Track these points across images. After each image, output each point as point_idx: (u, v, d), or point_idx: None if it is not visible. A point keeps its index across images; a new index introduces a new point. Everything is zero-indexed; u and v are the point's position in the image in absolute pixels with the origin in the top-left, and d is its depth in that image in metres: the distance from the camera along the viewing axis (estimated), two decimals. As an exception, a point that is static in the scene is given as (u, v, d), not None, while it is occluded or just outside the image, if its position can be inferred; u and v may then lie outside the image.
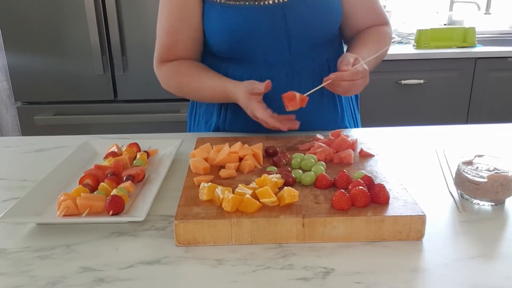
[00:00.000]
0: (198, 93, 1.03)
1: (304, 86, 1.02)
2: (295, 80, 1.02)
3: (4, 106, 2.46)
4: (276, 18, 0.95)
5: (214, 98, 1.03)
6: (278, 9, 0.95)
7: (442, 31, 2.42)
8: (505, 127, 1.12)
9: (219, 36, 0.98)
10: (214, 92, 0.99)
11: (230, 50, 1.00)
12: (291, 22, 0.96)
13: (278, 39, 0.97)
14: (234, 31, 0.96)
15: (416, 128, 1.12)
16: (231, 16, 0.95)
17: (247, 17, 0.95)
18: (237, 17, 0.95)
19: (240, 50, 0.99)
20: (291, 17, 0.96)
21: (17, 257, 0.60)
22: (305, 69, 1.02)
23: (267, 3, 0.95)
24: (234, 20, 0.95)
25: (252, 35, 0.96)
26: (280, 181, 0.70)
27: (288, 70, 1.01)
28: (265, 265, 0.57)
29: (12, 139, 1.10)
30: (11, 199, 0.77)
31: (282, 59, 1.00)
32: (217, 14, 0.96)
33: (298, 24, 0.97)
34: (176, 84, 1.05)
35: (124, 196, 0.69)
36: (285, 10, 0.95)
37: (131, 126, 2.11)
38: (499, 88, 2.35)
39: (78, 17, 2.00)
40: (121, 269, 0.57)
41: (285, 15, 0.96)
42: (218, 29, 0.97)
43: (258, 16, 0.95)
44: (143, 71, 2.10)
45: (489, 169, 0.73)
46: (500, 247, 0.61)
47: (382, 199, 0.64)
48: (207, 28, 0.99)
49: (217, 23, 0.96)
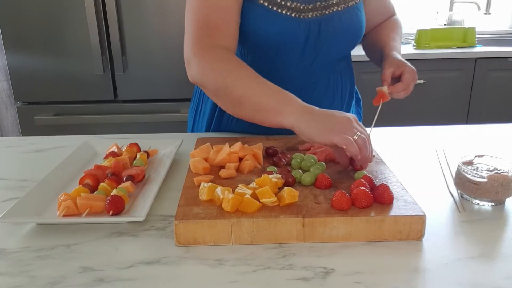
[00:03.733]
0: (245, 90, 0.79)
1: (315, 99, 1.01)
2: (308, 93, 1.01)
3: (4, 106, 2.46)
4: (311, 32, 0.94)
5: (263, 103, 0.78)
6: (315, 23, 0.94)
7: (442, 31, 2.42)
8: (505, 127, 1.12)
9: (252, 37, 0.94)
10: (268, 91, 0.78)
11: (255, 54, 0.98)
12: (323, 36, 0.96)
13: (306, 52, 0.96)
14: (270, 37, 0.93)
15: (416, 128, 1.12)
16: (271, 21, 0.92)
17: (286, 26, 0.92)
18: (276, 24, 0.92)
19: (264, 57, 0.97)
20: (324, 32, 0.95)
21: (17, 257, 0.60)
22: (319, 82, 1.02)
23: (307, 17, 0.93)
24: (272, 26, 0.92)
25: (284, 44, 0.94)
26: (280, 181, 0.70)
27: (304, 83, 1.01)
28: (265, 265, 0.57)
29: (12, 139, 1.10)
30: (11, 199, 0.77)
31: (301, 72, 0.99)
32: (258, 14, 0.91)
33: (329, 39, 0.96)
34: (220, 73, 0.81)
35: (124, 196, 0.69)
36: (321, 24, 0.95)
37: (131, 126, 2.11)
38: (499, 88, 2.35)
39: (78, 17, 2.00)
40: (121, 269, 0.57)
41: (319, 29, 0.95)
42: (254, 29, 0.93)
43: (295, 28, 0.93)
44: (143, 71, 2.10)
45: (489, 169, 0.73)
46: (500, 247, 0.61)
47: (386, 199, 0.64)
48: (243, 23, 0.92)
49: (256, 23, 0.92)
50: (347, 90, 1.08)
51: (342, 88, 1.07)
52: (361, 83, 1.31)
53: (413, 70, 0.95)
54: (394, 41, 1.05)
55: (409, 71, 0.94)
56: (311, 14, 0.94)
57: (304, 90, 1.01)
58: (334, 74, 1.04)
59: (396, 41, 1.06)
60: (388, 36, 1.07)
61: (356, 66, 1.19)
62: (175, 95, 2.12)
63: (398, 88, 0.93)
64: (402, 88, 0.93)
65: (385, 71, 0.94)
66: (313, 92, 1.02)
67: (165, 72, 2.10)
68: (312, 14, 0.94)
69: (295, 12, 0.92)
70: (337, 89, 1.06)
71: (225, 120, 1.07)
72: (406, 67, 0.94)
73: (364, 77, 2.08)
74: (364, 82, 1.96)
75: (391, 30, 1.10)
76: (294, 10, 0.92)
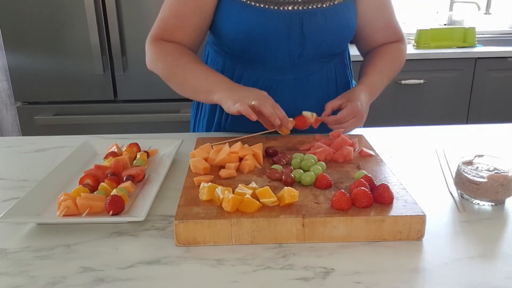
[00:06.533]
0: (186, 76, 0.95)
1: (310, 91, 1.03)
2: (302, 85, 1.03)
3: (4, 106, 2.46)
4: (293, 24, 0.95)
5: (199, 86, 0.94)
6: (297, 16, 0.95)
7: (442, 31, 2.42)
8: (505, 127, 1.12)
9: (234, 34, 0.97)
10: (203, 76, 0.93)
11: (242, 49, 0.99)
12: (306, 30, 0.96)
13: (291, 45, 0.97)
14: (250, 32, 0.95)
15: (416, 128, 1.12)
16: (249, 16, 0.94)
17: (265, 19, 0.94)
18: (256, 18, 0.94)
19: (252, 51, 0.99)
20: (307, 25, 0.96)
21: (17, 257, 0.60)
22: (312, 75, 1.03)
23: (287, 9, 0.95)
24: (252, 21, 0.94)
25: (267, 38, 0.96)
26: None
27: (296, 75, 1.02)
28: (265, 265, 0.57)
29: (12, 139, 1.10)
30: (11, 199, 0.77)
31: (291, 64, 1.00)
32: (236, 12, 0.95)
33: (313, 33, 0.97)
34: (165, 64, 0.98)
35: (124, 196, 0.69)
36: (303, 18, 0.95)
37: (131, 126, 2.11)
38: (499, 88, 2.35)
39: (78, 17, 2.00)
40: (121, 269, 0.57)
41: (302, 23, 0.96)
42: (235, 26, 0.96)
43: (276, 20, 0.95)
44: (143, 71, 2.08)
45: (489, 169, 0.73)
46: (500, 247, 0.61)
47: (386, 199, 0.64)
48: (222, 23, 0.97)
49: (235, 20, 0.95)
50: (343, 86, 1.08)
51: (336, 84, 1.07)
52: (361, 83, 1.31)
53: (355, 108, 0.91)
54: (376, 73, 1.01)
55: (349, 108, 0.90)
56: (292, 7, 0.95)
57: (297, 82, 1.02)
58: (327, 70, 1.05)
59: (379, 72, 1.01)
60: (374, 66, 1.03)
61: (356, 66, 1.19)
62: (175, 95, 2.09)
63: (328, 120, 0.92)
64: (332, 121, 0.92)
65: (333, 100, 0.94)
66: (307, 85, 1.03)
67: (165, 72, 2.09)
68: (293, 7, 0.95)
69: (273, 5, 0.94)
70: (331, 84, 1.06)
71: (226, 119, 1.08)
72: (351, 103, 0.92)
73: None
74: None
75: (382, 59, 1.04)
76: (272, 3, 0.94)
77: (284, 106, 0.88)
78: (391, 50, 1.07)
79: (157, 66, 0.99)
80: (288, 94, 1.02)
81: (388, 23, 1.07)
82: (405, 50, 1.10)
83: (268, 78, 1.01)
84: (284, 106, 0.88)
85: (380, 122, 2.31)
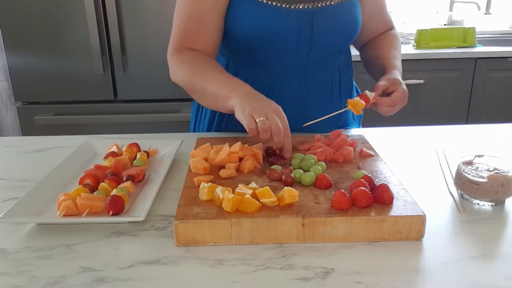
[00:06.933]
0: (205, 84, 0.90)
1: (313, 93, 1.03)
2: (305, 86, 1.02)
3: (4, 106, 2.46)
4: (304, 23, 0.95)
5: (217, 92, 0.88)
6: (307, 15, 0.95)
7: (442, 31, 2.42)
8: (505, 127, 1.12)
9: (245, 33, 0.95)
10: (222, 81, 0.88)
11: (250, 50, 0.99)
12: (317, 28, 0.96)
13: (300, 44, 0.97)
14: (261, 30, 0.94)
15: (416, 128, 1.12)
16: (261, 15, 0.93)
17: (277, 18, 0.94)
18: (268, 17, 0.93)
19: (260, 51, 0.98)
20: (318, 24, 0.96)
21: (17, 257, 0.60)
22: (317, 76, 1.03)
23: (298, 7, 0.94)
24: (264, 20, 0.94)
25: (277, 36, 0.95)
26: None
27: (301, 76, 1.01)
28: (265, 265, 0.57)
29: (12, 139, 1.10)
30: (11, 199, 0.77)
31: (297, 65, 1.00)
32: (248, 10, 0.94)
33: (323, 31, 0.97)
34: (185, 73, 0.94)
35: (124, 196, 0.69)
36: (313, 17, 0.95)
37: (131, 126, 2.11)
38: (499, 88, 2.35)
39: (78, 17, 2.00)
40: (121, 269, 0.57)
41: (312, 21, 0.95)
42: (246, 25, 0.95)
43: (287, 19, 0.94)
44: (143, 71, 2.10)
45: (489, 169, 0.73)
46: (500, 247, 0.61)
47: (386, 199, 0.64)
48: (234, 22, 0.96)
49: (247, 19, 0.94)
50: (346, 86, 1.08)
51: (340, 84, 1.07)
52: (361, 83, 1.31)
53: (405, 92, 0.94)
54: (396, 59, 1.04)
55: (401, 91, 0.93)
56: (302, 6, 0.95)
57: (302, 83, 1.02)
58: (332, 70, 1.05)
59: (397, 58, 1.05)
60: (389, 52, 1.05)
61: (356, 66, 1.19)
62: (175, 95, 2.12)
63: (383, 101, 0.93)
64: (387, 103, 0.93)
65: (380, 82, 0.94)
66: (311, 85, 1.03)
67: (165, 72, 2.06)
68: (303, 6, 0.95)
69: (285, 3, 0.94)
70: (335, 85, 1.06)
71: (226, 119, 1.08)
72: (399, 86, 0.93)
73: (364, 77, 2.06)
74: (364, 82, 1.96)
75: (392, 46, 1.08)
76: (284, 1, 0.94)
77: (288, 107, 0.87)
78: (393, 37, 1.12)
79: (178, 77, 0.97)
80: (292, 95, 1.02)
81: (383, 17, 1.13)
82: (398, 34, 1.16)
83: (273, 79, 1.01)
84: (288, 107, 0.87)
85: (380, 122, 2.31)
